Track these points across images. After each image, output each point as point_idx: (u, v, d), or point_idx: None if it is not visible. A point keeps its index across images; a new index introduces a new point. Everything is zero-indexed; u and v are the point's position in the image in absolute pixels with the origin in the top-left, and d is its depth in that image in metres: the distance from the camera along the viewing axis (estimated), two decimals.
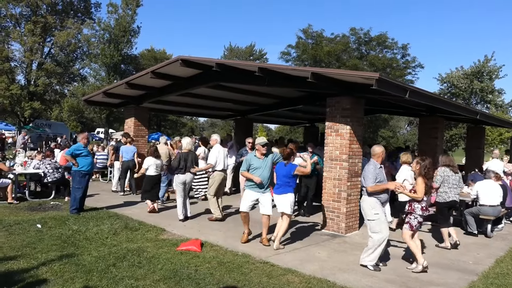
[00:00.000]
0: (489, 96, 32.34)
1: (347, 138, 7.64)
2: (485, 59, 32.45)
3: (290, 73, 7.97)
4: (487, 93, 32.20)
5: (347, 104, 7.65)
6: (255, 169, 6.76)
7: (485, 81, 32.35)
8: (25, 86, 31.19)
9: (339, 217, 7.73)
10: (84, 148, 8.60)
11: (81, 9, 34.79)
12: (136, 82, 10.95)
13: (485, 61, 32.44)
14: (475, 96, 32.88)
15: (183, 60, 8.88)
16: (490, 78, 32.53)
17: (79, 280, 4.72)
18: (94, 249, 5.94)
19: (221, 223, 8.18)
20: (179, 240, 6.63)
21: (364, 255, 5.76)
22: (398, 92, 6.84)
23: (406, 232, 5.77)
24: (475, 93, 32.60)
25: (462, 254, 6.71)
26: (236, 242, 6.73)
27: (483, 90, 32.02)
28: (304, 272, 5.37)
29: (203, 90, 11.04)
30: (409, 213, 5.80)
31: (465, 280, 5.38)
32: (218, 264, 5.53)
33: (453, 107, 9.53)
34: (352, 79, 7.21)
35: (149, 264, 5.38)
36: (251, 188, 6.77)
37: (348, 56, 34.18)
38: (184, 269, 5.26)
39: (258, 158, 6.84)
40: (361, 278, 5.28)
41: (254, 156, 6.89)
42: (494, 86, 32.55)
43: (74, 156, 8.41)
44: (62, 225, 7.33)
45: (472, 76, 32.45)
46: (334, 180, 7.82)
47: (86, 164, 8.53)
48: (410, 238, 5.75)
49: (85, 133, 9.32)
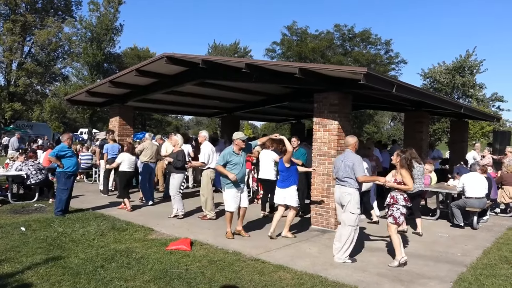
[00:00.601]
0: (470, 91, 32.86)
1: (335, 134, 7.64)
2: (467, 54, 32.96)
3: (277, 69, 7.94)
4: (469, 87, 32.71)
5: (335, 100, 7.65)
6: (235, 165, 6.76)
7: (466, 75, 32.86)
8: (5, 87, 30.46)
9: (328, 213, 7.73)
10: (68, 148, 8.41)
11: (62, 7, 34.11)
12: (120, 80, 10.78)
13: (466, 56, 32.94)
14: (457, 90, 33.38)
15: (168, 57, 8.77)
16: (471, 72, 33.05)
17: (66, 283, 4.60)
18: (81, 251, 5.81)
19: (210, 222, 8.10)
20: (168, 240, 6.54)
21: (340, 253, 5.74)
22: (385, 87, 6.86)
23: (391, 226, 5.65)
24: (457, 88, 33.09)
25: (450, 246, 6.79)
26: (226, 240, 6.67)
27: (465, 85, 32.53)
28: (296, 268, 5.34)
29: (189, 87, 10.94)
30: (391, 204, 5.71)
31: (455, 272, 5.43)
32: (208, 262, 5.47)
33: (439, 101, 9.64)
34: (339, 74, 7.21)
35: (138, 265, 5.27)
36: (231, 187, 6.77)
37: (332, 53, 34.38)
38: (174, 268, 5.17)
39: (236, 154, 6.81)
40: (353, 273, 5.28)
41: (233, 152, 6.81)
42: (475, 80, 33.13)
43: (59, 157, 8.21)
44: (47, 227, 7.15)
45: (454, 71, 32.93)
46: (323, 175, 7.81)
47: (71, 165, 8.34)
48: (395, 232, 5.64)
49: (69, 134, 9.12)
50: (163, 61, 8.82)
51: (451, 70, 33.02)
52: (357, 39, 34.47)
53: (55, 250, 5.85)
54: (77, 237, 6.56)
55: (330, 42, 33.98)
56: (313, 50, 32.92)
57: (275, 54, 35.89)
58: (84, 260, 5.39)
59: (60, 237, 6.56)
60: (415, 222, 7.70)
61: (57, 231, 6.91)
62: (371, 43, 34.63)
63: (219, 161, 6.87)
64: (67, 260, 5.38)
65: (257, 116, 19.11)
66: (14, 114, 30.84)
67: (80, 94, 12.42)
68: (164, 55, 8.79)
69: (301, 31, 34.59)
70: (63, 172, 8.25)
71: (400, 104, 11.44)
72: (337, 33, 34.65)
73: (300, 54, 33.16)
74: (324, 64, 19.62)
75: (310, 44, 33.13)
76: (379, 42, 34.48)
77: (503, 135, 15.05)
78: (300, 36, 34.49)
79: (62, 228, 7.07)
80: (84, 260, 5.41)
